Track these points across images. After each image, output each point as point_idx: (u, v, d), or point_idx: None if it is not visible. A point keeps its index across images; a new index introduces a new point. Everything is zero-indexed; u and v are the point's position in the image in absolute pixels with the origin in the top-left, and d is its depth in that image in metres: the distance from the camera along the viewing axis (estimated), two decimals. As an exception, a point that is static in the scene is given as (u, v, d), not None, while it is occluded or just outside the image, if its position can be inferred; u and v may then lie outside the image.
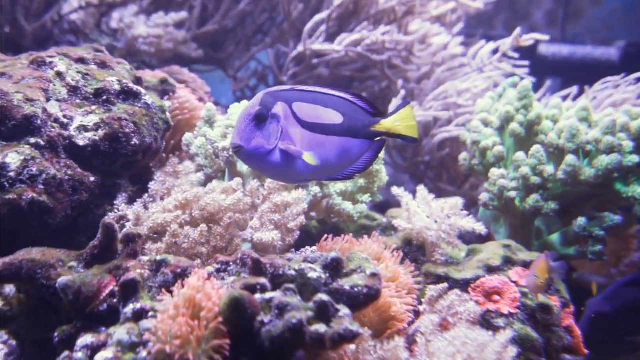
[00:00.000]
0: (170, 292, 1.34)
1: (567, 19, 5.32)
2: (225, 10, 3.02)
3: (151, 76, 2.26)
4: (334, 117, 1.41)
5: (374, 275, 1.37)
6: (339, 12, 2.79)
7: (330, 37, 2.85)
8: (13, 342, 1.38)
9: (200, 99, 2.51)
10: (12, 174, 1.50)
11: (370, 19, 2.84)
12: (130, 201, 1.75)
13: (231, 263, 1.45)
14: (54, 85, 1.72)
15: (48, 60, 1.78)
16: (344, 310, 1.25)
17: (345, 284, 1.35)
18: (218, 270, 1.44)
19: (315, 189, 1.86)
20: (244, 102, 1.96)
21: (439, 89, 2.78)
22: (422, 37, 2.90)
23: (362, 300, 1.34)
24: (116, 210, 1.69)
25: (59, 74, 1.75)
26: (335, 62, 2.84)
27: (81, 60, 1.84)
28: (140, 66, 2.66)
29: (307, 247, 1.70)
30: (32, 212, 1.51)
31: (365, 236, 1.81)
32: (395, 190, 1.85)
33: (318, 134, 1.39)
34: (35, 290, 1.42)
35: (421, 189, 1.82)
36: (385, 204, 2.63)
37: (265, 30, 3.29)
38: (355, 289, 1.34)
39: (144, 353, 1.24)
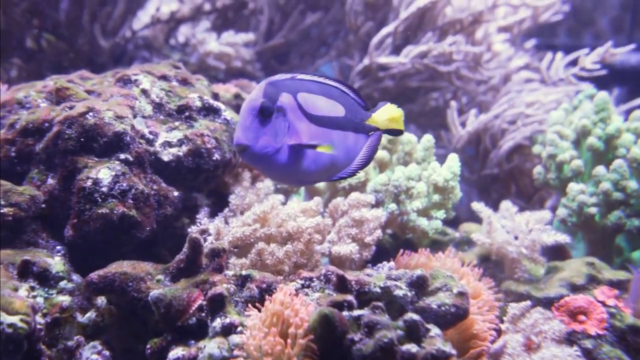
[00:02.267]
0: (257, 307, 1.36)
1: (635, 25, 5.15)
2: (292, 25, 3.06)
3: (224, 90, 2.31)
4: (338, 109, 1.30)
5: (461, 294, 1.35)
6: (406, 25, 2.79)
7: (396, 50, 2.85)
8: (107, 352, 1.43)
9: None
10: (104, 189, 1.55)
11: (437, 30, 2.82)
12: (211, 215, 1.79)
13: (314, 279, 1.46)
14: (140, 102, 1.78)
15: (133, 77, 1.84)
16: (434, 330, 1.24)
17: (432, 302, 1.35)
18: (302, 286, 1.46)
19: (392, 205, 1.85)
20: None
21: (504, 98, 2.74)
22: (489, 47, 2.86)
23: (450, 319, 1.33)
24: (198, 224, 1.73)
25: (144, 91, 1.81)
26: (401, 74, 2.83)
27: (164, 78, 1.89)
28: (212, 80, 2.72)
29: (385, 262, 1.70)
30: (122, 226, 1.56)
31: (440, 252, 1.79)
32: (476, 205, 1.83)
33: (326, 127, 1.28)
34: (126, 303, 1.46)
35: (505, 203, 1.79)
36: (455, 218, 2.59)
37: (330, 42, 3.32)
38: (443, 308, 1.33)
39: (234, 367, 1.27)
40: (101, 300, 1.53)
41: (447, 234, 2.17)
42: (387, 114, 1.40)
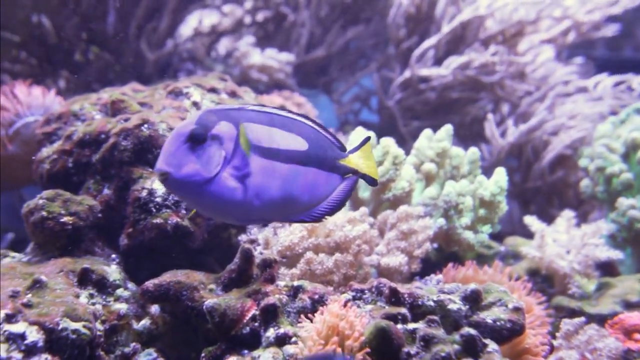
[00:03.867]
0: (309, 318, 1.37)
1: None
2: (333, 38, 3.09)
3: (268, 101, 2.34)
4: (297, 143, 1.16)
5: (517, 309, 1.34)
6: (448, 38, 2.79)
7: (438, 62, 2.85)
8: (161, 360, 1.45)
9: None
10: (158, 199, 1.59)
11: (478, 42, 2.82)
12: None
13: (366, 291, 1.46)
14: (191, 114, 1.81)
15: (184, 90, 1.88)
16: (492, 345, 1.23)
17: (487, 317, 1.34)
18: (353, 298, 1.46)
19: (440, 221, 1.84)
20: (363, 132, 1.97)
21: (543, 106, 2.71)
22: (532, 59, 2.84)
23: (506, 335, 1.32)
24: (248, 234, 1.75)
25: (195, 104, 1.84)
26: (442, 86, 2.83)
27: (213, 90, 1.93)
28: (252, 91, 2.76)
29: (432, 275, 1.70)
30: (175, 236, 1.59)
31: (487, 265, 1.78)
32: (528, 219, 1.81)
33: (275, 161, 1.13)
34: (180, 311, 1.49)
35: (567, 213, 1.77)
36: (498, 232, 2.57)
37: (369, 55, 3.34)
38: (498, 323, 1.32)
39: (289, 378, 1.28)
40: (155, 309, 1.56)
41: (491, 247, 2.16)
42: (363, 156, 1.26)
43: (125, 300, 1.50)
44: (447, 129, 1.99)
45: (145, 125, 1.65)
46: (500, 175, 1.94)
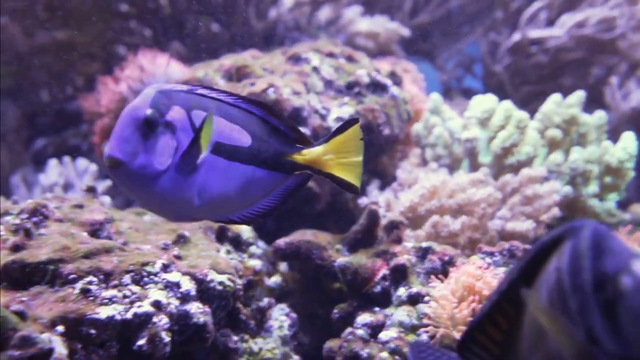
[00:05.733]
0: (439, 278, 1.37)
1: None
2: (438, 4, 3.02)
3: (378, 66, 2.32)
4: (241, 138, 1.02)
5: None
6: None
7: (550, 24, 2.72)
8: (294, 315, 1.51)
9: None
10: (286, 161, 1.63)
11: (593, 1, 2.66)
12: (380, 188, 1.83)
13: (496, 253, 1.45)
14: (311, 79, 1.84)
15: (303, 55, 1.91)
16: None
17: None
18: (483, 260, 1.46)
19: (567, 189, 1.78)
20: (488, 96, 1.92)
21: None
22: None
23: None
24: (368, 197, 1.77)
25: (315, 69, 1.87)
26: (555, 48, 2.71)
27: (331, 55, 1.95)
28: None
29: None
30: (305, 198, 1.64)
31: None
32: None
33: (219, 157, 1.00)
34: (310, 269, 1.53)
35: None
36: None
37: (472, 20, 3.24)
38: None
39: (424, 336, 1.30)
40: (284, 266, 1.62)
41: (614, 215, 2.07)
42: (334, 151, 1.05)
43: (259, 257, 1.56)
44: (579, 95, 1.91)
45: (272, 89, 1.69)
46: (629, 141, 1.85)
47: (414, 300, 1.37)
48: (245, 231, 1.59)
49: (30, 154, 2.63)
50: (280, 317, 1.50)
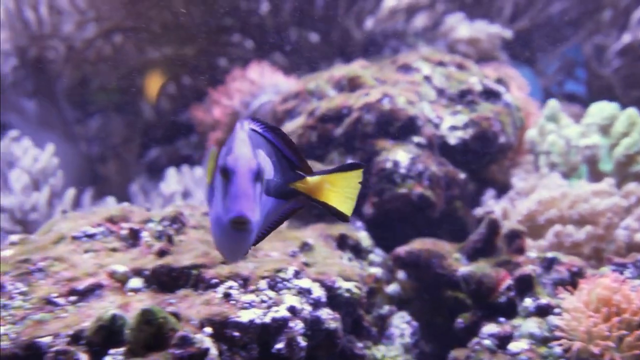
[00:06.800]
0: (568, 290, 1.34)
1: None
2: (539, 9, 2.95)
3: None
4: (271, 170, 0.97)
5: None
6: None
7: (665, 24, 2.59)
8: (416, 323, 1.51)
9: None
10: (402, 170, 1.65)
11: None
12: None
13: (629, 265, 1.40)
14: (423, 87, 1.85)
15: (414, 65, 1.92)
16: None
17: None
18: (613, 272, 1.40)
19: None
20: (604, 105, 1.86)
21: None
22: None
23: None
24: (484, 206, 1.76)
25: (426, 78, 1.87)
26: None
27: (441, 64, 1.94)
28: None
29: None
30: (419, 206, 1.64)
31: None
32: None
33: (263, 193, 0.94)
34: (430, 277, 1.54)
35: None
36: None
37: (575, 23, 3.13)
38: None
39: (557, 349, 1.27)
40: (402, 274, 1.63)
41: None
42: (334, 184, 1.01)
43: (378, 265, 1.58)
44: None
45: (387, 99, 1.71)
46: None
47: (544, 311, 1.34)
48: (364, 239, 1.61)
49: (144, 163, 2.78)
50: (401, 325, 1.50)
